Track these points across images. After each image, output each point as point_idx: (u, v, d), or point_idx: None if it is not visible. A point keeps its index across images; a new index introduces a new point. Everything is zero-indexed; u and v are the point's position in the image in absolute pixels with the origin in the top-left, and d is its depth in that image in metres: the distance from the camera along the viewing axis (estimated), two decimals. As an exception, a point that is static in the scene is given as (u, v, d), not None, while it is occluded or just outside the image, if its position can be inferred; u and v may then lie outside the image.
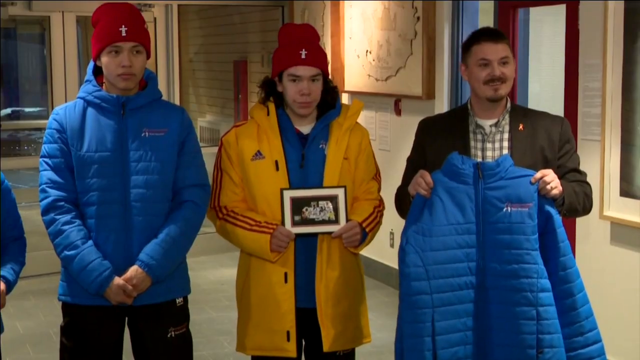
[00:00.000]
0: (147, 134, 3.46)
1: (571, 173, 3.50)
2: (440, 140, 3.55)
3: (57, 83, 8.06)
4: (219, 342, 6.04)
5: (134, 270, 3.40)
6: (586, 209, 3.50)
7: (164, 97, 8.95)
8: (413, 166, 3.65)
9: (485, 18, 6.62)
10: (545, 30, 7.02)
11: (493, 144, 3.51)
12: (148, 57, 3.50)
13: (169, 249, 3.45)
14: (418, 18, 6.87)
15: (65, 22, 8.04)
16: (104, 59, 3.42)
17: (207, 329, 6.25)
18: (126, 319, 3.57)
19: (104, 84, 3.49)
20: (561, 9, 5.63)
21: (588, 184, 3.54)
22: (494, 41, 3.45)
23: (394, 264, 7.45)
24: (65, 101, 7.87)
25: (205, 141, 10.76)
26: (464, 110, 3.59)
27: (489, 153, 3.50)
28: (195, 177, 3.56)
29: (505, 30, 6.12)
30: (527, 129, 3.51)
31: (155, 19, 8.83)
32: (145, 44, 3.46)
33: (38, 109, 9.92)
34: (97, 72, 3.53)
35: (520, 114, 3.55)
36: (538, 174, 3.28)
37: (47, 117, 8.61)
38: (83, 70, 9.46)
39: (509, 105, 3.54)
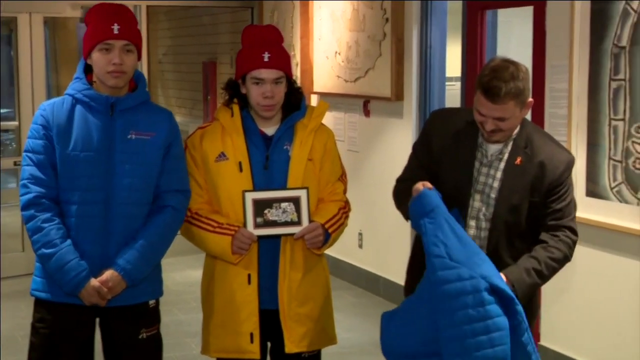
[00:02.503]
0: (133, 136, 3.45)
1: (553, 214, 3.40)
2: (449, 140, 3.50)
3: (24, 84, 8.00)
4: (187, 344, 6.03)
5: (110, 273, 3.40)
6: (557, 269, 3.40)
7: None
8: (416, 155, 3.64)
9: (454, 19, 6.65)
10: (513, 32, 7.06)
11: (489, 169, 3.45)
12: (139, 57, 3.49)
13: (146, 254, 3.45)
14: (387, 19, 6.89)
15: (33, 23, 7.99)
16: (95, 56, 3.40)
17: (176, 331, 6.24)
18: (97, 319, 3.56)
19: (94, 83, 3.47)
20: (529, 11, 5.67)
21: (565, 227, 3.41)
22: (492, 102, 3.28)
23: (363, 265, 7.49)
24: (32, 103, 7.83)
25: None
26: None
27: (482, 179, 3.46)
28: (178, 183, 3.55)
29: (473, 31, 6.16)
30: (524, 163, 3.41)
31: (123, 19, 8.79)
32: (137, 44, 3.46)
33: (5, 110, 9.89)
34: (87, 71, 3.51)
35: (524, 143, 3.43)
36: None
37: (14, 119, 8.60)
38: (51, 72, 9.37)
39: (516, 131, 3.43)
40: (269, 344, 3.72)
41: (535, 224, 3.46)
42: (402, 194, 3.52)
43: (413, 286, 3.47)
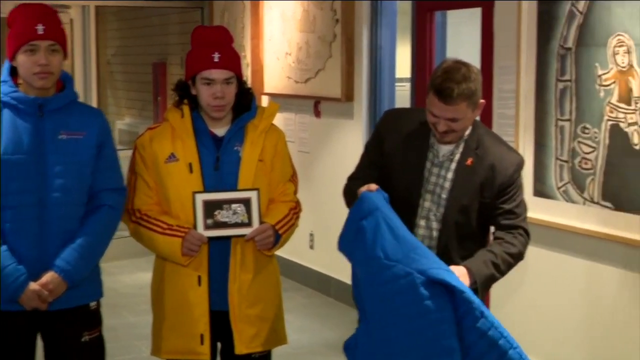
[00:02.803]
0: (64, 136, 3.41)
1: (505, 215, 3.45)
2: (400, 140, 3.52)
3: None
4: (136, 347, 5.99)
5: (50, 275, 3.36)
6: (512, 265, 3.44)
7: (81, 99, 8.84)
8: (368, 154, 3.66)
9: (404, 20, 6.69)
10: (462, 33, 7.11)
11: (440, 169, 3.48)
12: (65, 57, 3.46)
13: (85, 254, 3.42)
14: (337, 20, 6.92)
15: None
16: (20, 58, 3.36)
17: (125, 334, 6.20)
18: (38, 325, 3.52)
19: (20, 85, 3.43)
20: (477, 13, 5.71)
21: (518, 227, 3.46)
22: (445, 103, 3.29)
23: (313, 266, 7.50)
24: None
25: (124, 144, 10.65)
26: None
27: (432, 179, 3.49)
28: (112, 181, 3.53)
29: (423, 32, 6.20)
30: (474, 164, 3.45)
31: (71, 20, 8.73)
32: (62, 43, 3.42)
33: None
34: (13, 72, 3.46)
35: (475, 145, 3.46)
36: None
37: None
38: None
39: (467, 132, 3.46)
40: (219, 344, 3.71)
41: (486, 224, 3.52)
42: (351, 194, 3.54)
43: None
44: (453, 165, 3.47)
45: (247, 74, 8.09)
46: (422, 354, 3.16)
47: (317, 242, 7.44)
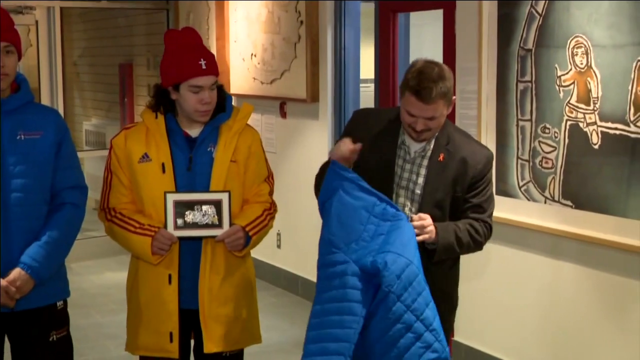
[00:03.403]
0: (22, 136, 3.41)
1: (473, 209, 3.55)
2: (371, 139, 3.56)
3: None
4: (105, 346, 5.99)
5: (17, 272, 3.35)
6: (471, 247, 3.53)
7: (48, 101, 8.73)
8: None
9: (367, 22, 6.72)
10: (425, 34, 7.16)
11: (412, 166, 3.54)
12: (19, 57, 3.45)
13: (51, 251, 3.42)
14: (301, 22, 6.94)
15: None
16: None
17: (94, 333, 6.19)
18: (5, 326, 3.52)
19: None
20: (439, 15, 5.76)
21: (484, 222, 3.57)
22: (424, 102, 3.36)
23: (282, 265, 7.52)
24: None
25: (91, 144, 10.63)
26: (398, 121, 3.55)
27: (405, 175, 3.54)
28: (73, 179, 3.54)
29: (386, 34, 6.24)
30: (446, 160, 3.52)
31: (37, 21, 8.67)
32: (16, 44, 3.42)
33: None
34: None
35: (446, 141, 3.53)
36: (416, 221, 3.36)
37: None
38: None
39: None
40: (192, 342, 3.73)
41: (456, 218, 3.58)
42: (320, 177, 3.60)
43: None
44: (425, 162, 3.53)
45: (213, 75, 8.10)
46: (319, 326, 3.34)
47: (285, 241, 7.47)
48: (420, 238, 3.34)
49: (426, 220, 3.38)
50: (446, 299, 3.60)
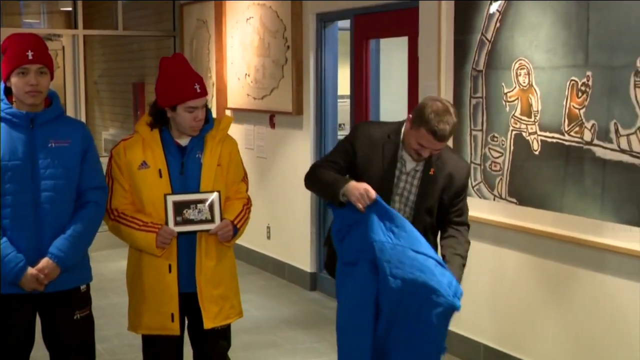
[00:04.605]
0: (53, 144, 3.42)
1: (455, 212, 3.58)
2: (371, 150, 3.54)
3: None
4: (120, 323, 5.87)
5: (45, 261, 3.36)
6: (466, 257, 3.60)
7: (73, 114, 8.71)
8: (344, 152, 3.61)
9: (344, 46, 6.72)
10: (393, 57, 7.16)
11: (407, 177, 3.54)
12: (52, 78, 3.46)
13: (75, 243, 3.42)
14: (288, 47, 6.94)
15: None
16: (14, 80, 3.36)
17: (111, 312, 6.15)
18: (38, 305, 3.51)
19: (14, 102, 3.42)
20: (405, 41, 5.77)
21: (467, 225, 3.64)
22: (440, 141, 3.33)
23: (270, 253, 7.51)
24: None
25: (108, 151, 10.51)
26: (398, 136, 3.52)
27: (401, 184, 3.55)
28: (96, 181, 3.53)
29: (360, 57, 6.25)
30: (436, 173, 3.52)
31: (63, 47, 8.65)
32: (49, 66, 3.42)
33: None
34: (7, 92, 3.45)
35: (436, 157, 3.51)
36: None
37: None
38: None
39: None
40: (186, 320, 3.73)
41: (440, 219, 3.62)
42: (322, 180, 3.55)
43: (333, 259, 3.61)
44: (419, 174, 3.54)
45: (213, 92, 8.09)
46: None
47: (273, 233, 7.46)
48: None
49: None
50: None
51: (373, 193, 3.35)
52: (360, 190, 3.35)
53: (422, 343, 3.28)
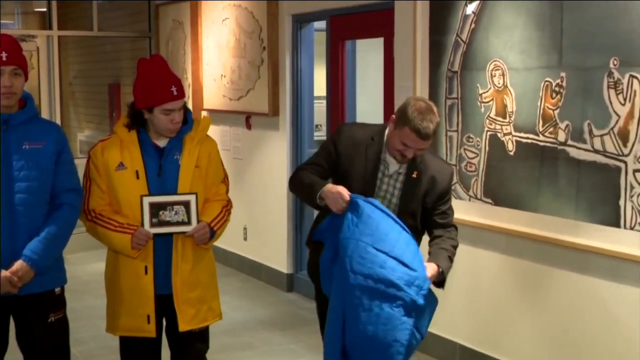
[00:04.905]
0: (27, 146, 3.38)
1: (440, 215, 3.57)
2: (354, 152, 3.53)
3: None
4: (97, 325, 5.91)
5: (19, 264, 3.32)
6: (455, 254, 3.60)
7: (48, 115, 8.63)
8: (327, 153, 3.60)
9: (320, 48, 6.73)
10: (369, 58, 7.17)
11: (389, 179, 3.53)
12: (26, 79, 3.43)
13: (50, 245, 3.39)
14: (264, 48, 6.93)
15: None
16: None
17: (87, 314, 6.13)
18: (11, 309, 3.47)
19: None
20: (381, 42, 5.78)
21: (454, 226, 3.63)
22: (424, 140, 3.33)
23: (247, 254, 7.50)
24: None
25: (84, 153, 10.50)
26: (381, 138, 3.51)
27: (384, 187, 3.53)
28: (70, 183, 3.50)
29: (336, 58, 6.25)
30: (419, 176, 3.51)
31: (38, 48, 8.58)
32: (23, 67, 3.39)
33: None
34: None
35: (418, 160, 3.50)
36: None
37: None
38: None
39: None
40: (164, 322, 3.71)
41: (425, 222, 3.61)
42: (305, 185, 3.53)
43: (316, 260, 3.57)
44: (401, 177, 3.53)
45: (189, 93, 8.06)
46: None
47: (250, 234, 7.45)
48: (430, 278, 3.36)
49: (429, 266, 3.39)
50: None
51: (346, 195, 3.35)
52: (334, 193, 3.37)
53: (384, 339, 3.25)
